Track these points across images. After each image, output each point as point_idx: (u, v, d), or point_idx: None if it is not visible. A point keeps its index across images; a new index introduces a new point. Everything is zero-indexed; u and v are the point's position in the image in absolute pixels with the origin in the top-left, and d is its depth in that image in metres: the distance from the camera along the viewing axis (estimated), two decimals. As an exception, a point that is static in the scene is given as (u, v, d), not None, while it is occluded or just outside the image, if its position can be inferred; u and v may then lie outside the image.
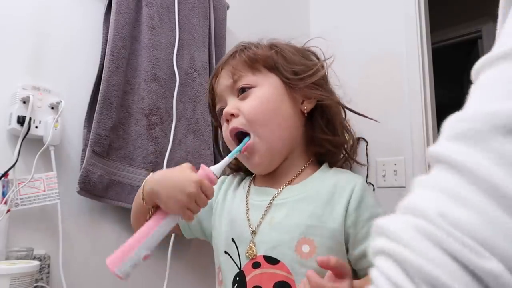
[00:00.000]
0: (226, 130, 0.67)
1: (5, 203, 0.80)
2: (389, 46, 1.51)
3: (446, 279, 0.18)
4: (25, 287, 0.69)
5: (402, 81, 1.45)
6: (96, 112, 0.93)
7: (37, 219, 0.87)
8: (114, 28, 0.97)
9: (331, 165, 0.70)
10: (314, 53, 0.73)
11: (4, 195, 0.80)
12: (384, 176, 1.44)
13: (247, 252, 0.62)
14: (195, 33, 1.17)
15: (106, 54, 0.96)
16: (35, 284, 0.76)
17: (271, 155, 0.65)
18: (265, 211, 0.64)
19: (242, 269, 0.62)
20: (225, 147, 0.75)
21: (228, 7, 1.34)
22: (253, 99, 0.64)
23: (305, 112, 0.67)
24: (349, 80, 0.74)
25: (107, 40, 0.97)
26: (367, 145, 1.47)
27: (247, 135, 0.65)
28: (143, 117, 1.02)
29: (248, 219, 0.65)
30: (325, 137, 0.67)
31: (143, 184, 0.62)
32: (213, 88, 0.72)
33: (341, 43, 0.73)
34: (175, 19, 1.11)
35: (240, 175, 0.77)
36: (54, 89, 0.91)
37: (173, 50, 1.10)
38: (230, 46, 1.29)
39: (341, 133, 0.69)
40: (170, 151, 1.04)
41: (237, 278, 0.62)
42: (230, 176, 0.78)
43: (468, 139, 0.21)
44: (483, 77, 0.23)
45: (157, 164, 1.03)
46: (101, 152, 0.93)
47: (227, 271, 0.64)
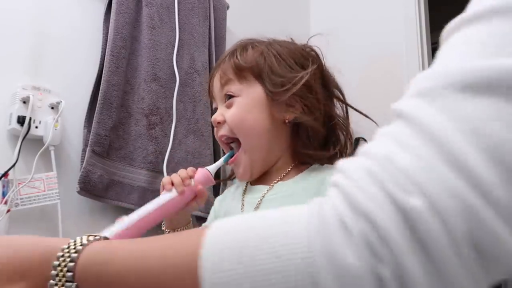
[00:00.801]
0: (216, 134, 0.71)
1: (5, 203, 0.80)
2: (389, 46, 1.51)
3: (377, 212, 0.20)
4: (25, 287, 0.69)
5: (402, 81, 1.45)
6: (96, 112, 0.93)
7: (37, 219, 0.87)
8: (114, 28, 0.97)
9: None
10: (309, 53, 0.71)
11: (4, 195, 0.80)
12: (384, 176, 1.44)
13: None
14: (195, 33, 1.17)
15: (106, 54, 0.96)
16: (35, 284, 0.76)
17: (254, 166, 0.67)
18: (257, 206, 0.66)
19: None
20: None
21: (228, 7, 1.34)
22: (235, 108, 0.66)
23: (287, 122, 0.66)
24: (349, 80, 0.74)
25: (107, 40, 0.97)
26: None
27: (236, 141, 0.68)
28: (143, 117, 1.02)
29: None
30: (305, 151, 0.67)
31: None
32: (210, 88, 0.75)
33: (341, 44, 0.72)
34: (175, 19, 1.11)
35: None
36: (54, 89, 0.91)
37: (173, 50, 1.10)
38: (230, 46, 1.30)
39: (323, 146, 0.69)
40: (170, 151, 1.04)
41: None
42: (229, 187, 0.81)
43: (426, 96, 0.23)
44: (450, 39, 0.25)
45: (157, 164, 1.03)
46: (101, 152, 0.93)
47: None
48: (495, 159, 0.19)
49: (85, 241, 0.34)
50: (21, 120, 0.83)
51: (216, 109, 0.71)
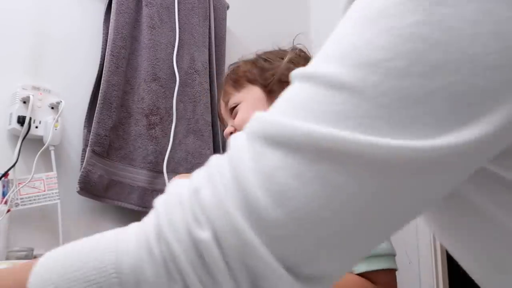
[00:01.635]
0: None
1: (5, 203, 0.80)
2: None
3: (175, 242, 0.23)
4: (25, 287, 0.69)
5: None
6: (96, 112, 0.93)
7: (37, 219, 0.87)
8: (114, 28, 0.97)
9: None
10: (293, 51, 0.79)
11: (4, 195, 0.80)
12: (384, 176, 1.44)
13: None
14: (195, 33, 1.17)
15: (106, 54, 0.96)
16: (35, 284, 0.76)
17: None
18: None
19: None
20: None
21: (228, 7, 1.34)
22: (240, 113, 0.75)
23: None
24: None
25: (107, 40, 0.97)
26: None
27: None
28: (143, 117, 1.02)
29: None
30: None
31: None
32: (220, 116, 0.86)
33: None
34: (175, 19, 1.11)
35: None
36: (54, 89, 0.91)
37: (173, 50, 1.10)
38: (230, 46, 1.30)
39: None
40: (170, 151, 1.04)
41: None
42: None
43: (249, 138, 0.25)
44: (290, 87, 0.27)
45: (157, 164, 1.03)
46: (101, 152, 0.93)
47: None
48: (278, 202, 0.22)
49: None
50: (21, 120, 0.83)
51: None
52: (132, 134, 1.01)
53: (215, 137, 1.18)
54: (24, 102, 0.84)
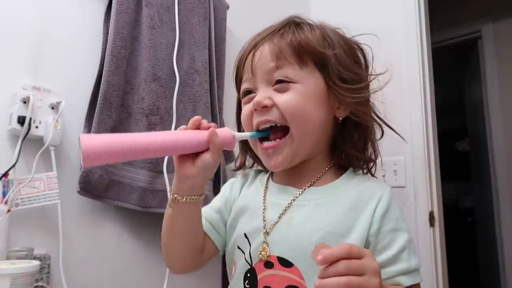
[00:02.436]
0: (249, 116, 0.62)
1: (6, 203, 0.80)
2: (388, 47, 1.51)
3: None
4: (25, 287, 0.69)
5: (402, 81, 1.45)
6: (96, 112, 0.93)
7: (37, 219, 0.87)
8: (114, 28, 0.97)
9: (354, 170, 0.68)
10: (362, 52, 0.68)
11: (4, 195, 0.80)
12: (384, 176, 1.44)
13: (260, 253, 0.59)
14: (195, 33, 1.17)
15: (106, 54, 0.96)
16: (35, 284, 0.76)
17: (294, 157, 0.61)
18: (284, 210, 0.61)
19: (253, 266, 0.60)
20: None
21: (228, 7, 1.34)
22: (293, 94, 0.58)
23: (340, 119, 0.63)
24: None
25: (107, 40, 0.97)
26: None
27: (276, 129, 0.61)
28: (143, 117, 1.02)
29: (264, 218, 0.61)
30: (353, 152, 0.64)
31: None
32: (245, 61, 0.63)
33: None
34: (175, 19, 1.11)
35: (254, 170, 0.73)
36: (54, 89, 0.91)
37: (173, 50, 1.10)
38: (230, 46, 1.30)
39: (369, 150, 0.67)
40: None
41: (248, 275, 0.60)
42: (242, 173, 0.74)
43: None
44: None
45: (157, 164, 1.03)
46: (101, 152, 0.93)
47: (239, 266, 0.62)
48: None
49: None
50: (21, 120, 0.83)
51: (247, 91, 0.63)
52: (132, 134, 1.01)
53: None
54: (24, 102, 0.84)
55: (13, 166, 0.82)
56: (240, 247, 0.63)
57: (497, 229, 2.30)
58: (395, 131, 0.71)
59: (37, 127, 0.86)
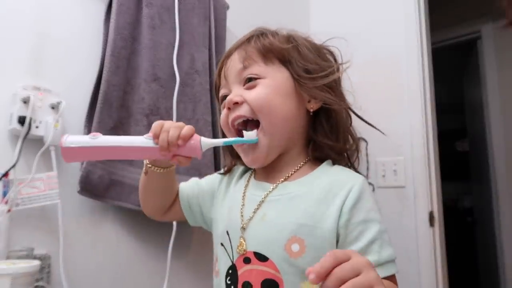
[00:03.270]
0: (225, 117, 0.66)
1: (6, 203, 0.80)
2: (389, 46, 1.51)
3: None
4: (25, 287, 0.69)
5: (402, 81, 1.45)
6: (96, 112, 0.93)
7: (37, 219, 0.87)
8: (115, 28, 0.97)
9: (333, 163, 0.69)
10: (331, 53, 0.70)
11: (4, 195, 0.80)
12: (384, 176, 1.44)
13: (238, 248, 0.61)
14: (195, 33, 1.17)
15: (107, 54, 0.96)
16: (35, 284, 0.76)
17: (269, 151, 0.64)
18: (258, 206, 0.63)
19: (234, 262, 0.62)
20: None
21: (228, 7, 1.34)
22: (260, 89, 0.63)
23: (311, 111, 0.65)
24: (348, 80, 0.73)
25: (107, 40, 0.97)
26: (367, 145, 1.47)
27: (247, 128, 0.64)
28: (143, 117, 1.02)
29: (242, 214, 0.64)
30: (326, 142, 0.66)
31: None
32: (220, 70, 0.70)
33: (340, 44, 0.72)
34: (175, 19, 1.11)
35: (243, 167, 0.75)
36: (54, 89, 0.91)
37: (173, 50, 1.10)
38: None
39: (344, 139, 0.68)
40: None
41: (230, 271, 0.62)
42: (234, 167, 0.76)
43: None
44: None
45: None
46: (101, 152, 0.93)
47: (222, 262, 0.64)
48: None
49: None
50: (21, 120, 0.83)
51: (224, 96, 0.68)
52: (132, 134, 1.01)
53: (215, 137, 1.18)
54: (25, 102, 0.84)
55: (13, 166, 0.82)
56: (223, 244, 0.65)
57: (497, 229, 2.30)
58: (369, 123, 0.72)
59: (37, 127, 0.86)
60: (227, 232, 0.65)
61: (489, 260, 2.45)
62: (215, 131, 1.19)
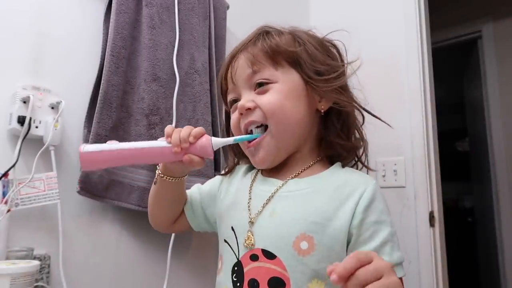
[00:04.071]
0: (236, 122, 0.66)
1: (5, 203, 0.80)
2: (389, 46, 1.51)
3: None
4: (25, 287, 0.69)
5: (402, 81, 1.45)
6: (96, 112, 0.93)
7: (37, 219, 0.87)
8: (114, 28, 0.97)
9: (343, 165, 0.69)
10: (336, 47, 0.70)
11: (4, 195, 0.80)
12: (384, 176, 1.44)
13: (245, 242, 0.61)
14: (195, 33, 1.17)
15: (106, 54, 0.96)
16: (35, 284, 0.76)
17: (278, 152, 0.64)
18: (267, 201, 0.63)
19: (240, 259, 0.61)
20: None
21: (228, 7, 1.34)
22: (272, 94, 0.62)
23: (322, 111, 0.65)
24: (348, 80, 0.73)
25: (107, 40, 0.97)
26: (367, 145, 1.46)
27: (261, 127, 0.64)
28: (143, 117, 1.02)
29: (249, 208, 0.64)
30: (338, 141, 0.66)
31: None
32: (227, 73, 0.68)
33: (343, 37, 0.71)
34: (175, 19, 1.11)
35: (247, 165, 0.75)
36: (54, 89, 0.91)
37: (173, 50, 1.10)
38: (230, 46, 1.30)
39: (355, 138, 0.68)
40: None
41: (235, 268, 0.61)
42: (237, 166, 0.77)
43: None
44: None
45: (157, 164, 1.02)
46: (101, 152, 0.93)
47: (227, 259, 0.64)
48: None
49: None
50: (21, 120, 0.83)
51: (233, 100, 0.67)
52: (132, 134, 1.01)
53: (217, 134, 1.18)
54: (24, 102, 0.84)
55: (13, 166, 0.81)
56: (227, 240, 0.65)
57: (497, 229, 2.30)
58: (377, 117, 0.72)
59: (37, 127, 0.86)
60: (232, 228, 0.64)
61: (489, 260, 2.45)
62: (215, 131, 1.19)
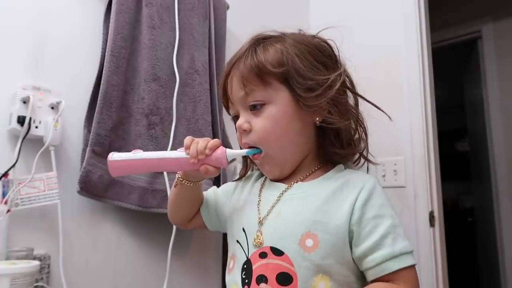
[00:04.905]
0: (240, 137, 0.70)
1: (5, 203, 0.80)
2: (389, 46, 1.51)
3: None
4: (25, 287, 0.69)
5: (402, 81, 1.45)
6: (96, 112, 0.93)
7: (37, 219, 0.87)
8: (114, 28, 0.97)
9: (345, 166, 0.72)
10: (329, 46, 0.70)
11: (4, 195, 0.80)
12: (384, 176, 1.44)
13: (255, 241, 0.64)
14: (195, 33, 1.17)
15: (106, 54, 0.96)
16: (35, 284, 0.76)
17: (281, 167, 0.68)
18: (274, 204, 0.66)
19: (249, 257, 0.64)
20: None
21: (228, 7, 1.34)
22: (265, 118, 0.65)
23: (317, 123, 0.67)
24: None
25: (107, 40, 0.97)
26: (364, 145, 1.46)
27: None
28: (143, 117, 1.02)
29: (258, 210, 0.68)
30: (333, 149, 0.68)
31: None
32: (225, 89, 0.71)
33: (340, 44, 0.71)
34: (175, 19, 1.11)
35: (259, 171, 0.78)
36: (54, 89, 0.91)
37: (173, 50, 1.10)
38: (230, 46, 1.30)
39: (349, 145, 0.69)
40: (170, 151, 1.04)
41: (245, 266, 0.65)
42: (249, 173, 0.80)
43: None
44: None
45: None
46: (101, 152, 0.93)
47: (238, 259, 0.67)
48: None
49: None
50: (21, 120, 0.83)
51: (235, 116, 0.70)
52: (132, 134, 1.01)
53: (215, 137, 1.18)
54: (24, 102, 0.84)
55: (13, 166, 0.82)
56: (239, 241, 0.68)
57: (497, 229, 2.30)
58: (378, 107, 0.74)
59: (37, 127, 0.86)
60: (243, 229, 0.68)
61: (489, 260, 2.45)
62: (215, 131, 1.19)
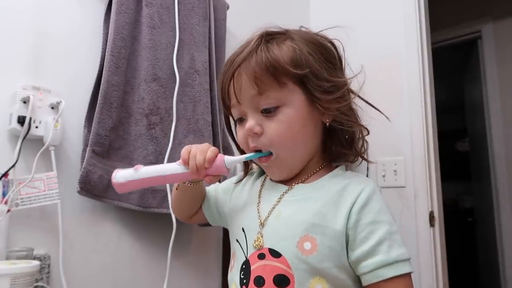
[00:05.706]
0: (244, 139, 0.66)
1: (6, 203, 0.80)
2: (389, 46, 1.51)
3: None
4: (25, 287, 0.69)
5: (402, 81, 1.45)
6: (96, 112, 0.93)
7: (37, 219, 0.87)
8: (114, 28, 0.97)
9: (346, 168, 0.71)
10: (333, 45, 0.68)
11: (4, 195, 0.80)
12: (384, 176, 1.44)
13: (255, 242, 0.64)
14: (195, 33, 1.17)
15: (106, 54, 0.96)
16: (35, 284, 0.76)
17: (291, 169, 0.67)
18: (274, 205, 0.66)
19: (248, 258, 0.64)
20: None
21: (228, 7, 1.34)
22: (279, 121, 0.61)
23: (327, 124, 0.66)
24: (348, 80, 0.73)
25: (107, 40, 0.97)
26: (367, 145, 1.46)
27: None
28: (143, 117, 1.02)
29: (258, 211, 0.67)
30: (342, 150, 0.68)
31: None
32: (229, 88, 0.65)
33: (340, 44, 0.71)
34: (175, 19, 1.11)
35: (259, 170, 0.78)
36: (54, 89, 0.91)
37: (173, 50, 1.10)
38: (230, 46, 1.30)
39: (355, 145, 0.69)
40: (170, 151, 1.04)
41: (243, 266, 0.64)
42: (249, 172, 0.79)
43: None
44: None
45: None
46: (101, 152, 0.93)
47: (237, 258, 0.67)
48: None
49: None
50: (21, 120, 0.83)
51: (240, 118, 0.66)
52: (132, 134, 1.01)
53: (215, 137, 1.18)
54: (24, 102, 0.84)
55: (13, 166, 0.82)
56: (238, 240, 0.68)
57: (497, 229, 2.30)
58: (376, 108, 0.72)
59: (37, 127, 0.86)
60: (242, 229, 0.67)
61: (489, 260, 2.45)
62: (215, 131, 1.19)
